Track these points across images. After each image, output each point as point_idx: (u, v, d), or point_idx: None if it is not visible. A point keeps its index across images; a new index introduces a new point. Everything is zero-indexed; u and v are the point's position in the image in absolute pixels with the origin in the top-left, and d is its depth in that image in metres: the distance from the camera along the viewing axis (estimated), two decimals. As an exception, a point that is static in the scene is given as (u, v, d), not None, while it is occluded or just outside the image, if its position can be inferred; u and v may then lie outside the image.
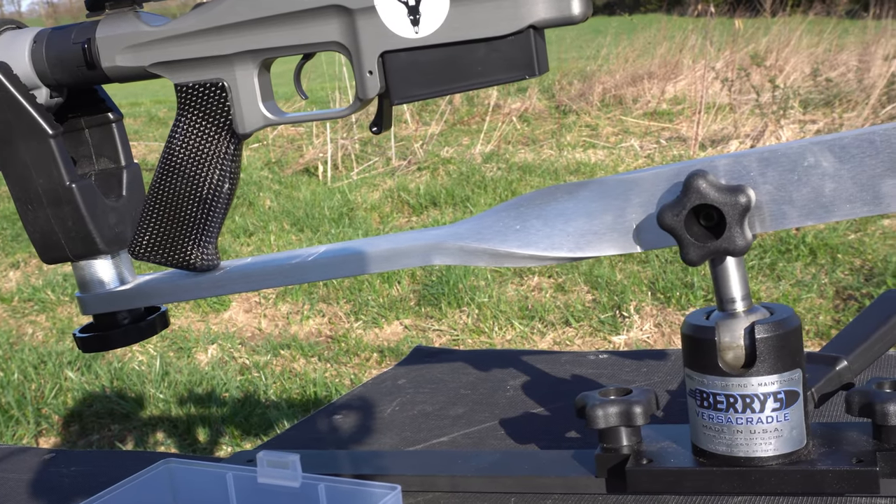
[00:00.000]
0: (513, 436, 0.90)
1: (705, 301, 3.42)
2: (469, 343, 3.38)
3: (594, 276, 3.71)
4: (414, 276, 3.86)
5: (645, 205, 0.69)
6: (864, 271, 3.54)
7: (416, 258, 0.74)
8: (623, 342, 3.31)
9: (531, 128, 6.36)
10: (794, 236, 3.79)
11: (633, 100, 6.59)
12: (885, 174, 0.63)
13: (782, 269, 3.61)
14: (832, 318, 3.19)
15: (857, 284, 3.41)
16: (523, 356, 1.13)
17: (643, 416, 0.72)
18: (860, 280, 3.45)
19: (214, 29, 0.73)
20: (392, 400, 1.04)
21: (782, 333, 0.66)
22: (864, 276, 3.48)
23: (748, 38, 6.62)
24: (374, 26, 0.69)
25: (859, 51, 6.26)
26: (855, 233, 3.89)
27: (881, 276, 3.40)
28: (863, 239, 3.80)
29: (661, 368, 1.04)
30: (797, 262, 3.69)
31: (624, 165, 5.20)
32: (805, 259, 3.70)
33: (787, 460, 0.67)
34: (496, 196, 4.75)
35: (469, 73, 0.69)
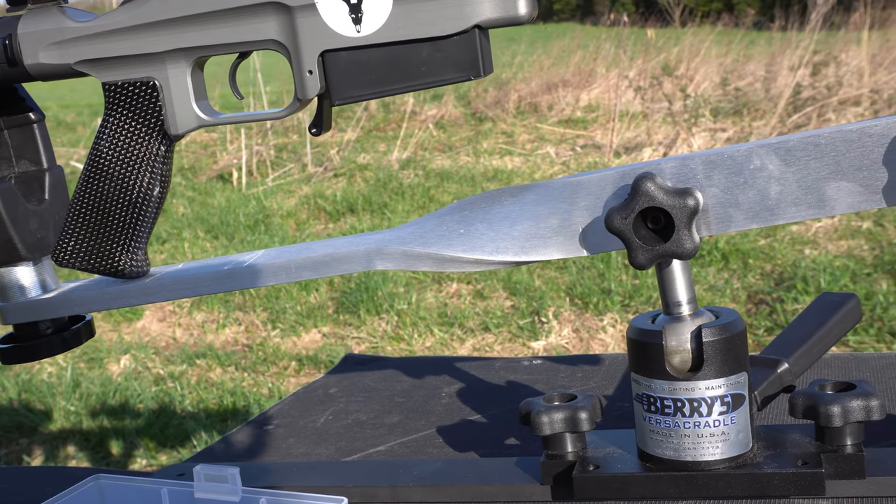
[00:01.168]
0: (451, 444, 0.89)
1: (622, 307, 3.46)
2: (389, 350, 3.35)
3: (513, 282, 3.72)
4: (332, 283, 3.82)
5: (591, 208, 0.68)
6: (774, 276, 3.61)
7: (357, 263, 0.72)
8: (542, 348, 3.32)
9: (447, 134, 6.37)
10: (707, 242, 3.86)
11: (548, 107, 6.65)
12: (830, 177, 0.63)
13: (696, 274, 3.67)
14: (745, 322, 3.26)
15: (767, 289, 3.48)
16: (456, 363, 1.11)
17: (588, 421, 0.71)
18: (771, 284, 3.52)
19: (145, 25, 0.70)
20: (324, 409, 1.01)
21: (729, 337, 0.66)
22: (774, 281, 3.56)
23: (660, 48, 6.73)
24: (315, 24, 0.67)
25: (766, 61, 6.41)
26: (765, 238, 3.97)
27: (791, 281, 3.48)
28: (772, 244, 3.89)
29: (597, 373, 1.04)
30: (710, 267, 3.75)
31: (540, 172, 5.24)
32: (718, 264, 3.77)
33: (733, 464, 0.67)
34: (414, 203, 4.74)
35: (412, 73, 0.67)
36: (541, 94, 6.77)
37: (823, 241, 3.94)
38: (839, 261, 3.60)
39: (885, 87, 5.47)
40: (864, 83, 5.43)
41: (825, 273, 3.44)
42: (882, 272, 3.47)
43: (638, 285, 3.56)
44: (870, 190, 0.63)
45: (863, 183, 0.63)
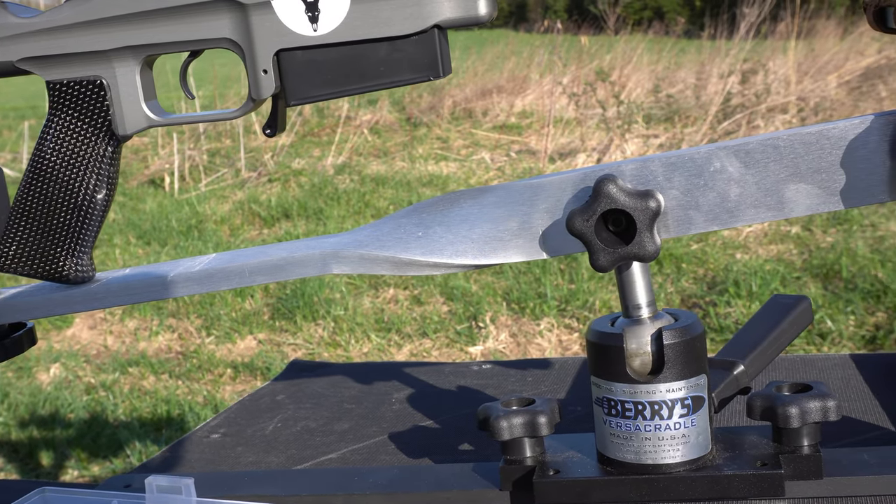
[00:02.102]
0: (405, 450, 0.87)
1: (558, 311, 3.48)
2: (326, 357, 3.33)
3: (450, 287, 3.72)
4: (267, 289, 3.78)
5: (551, 210, 0.68)
6: (706, 280, 3.66)
7: (313, 267, 0.71)
8: (479, 353, 3.32)
9: (383, 140, 6.35)
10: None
11: (483, 113, 6.67)
12: (789, 179, 0.64)
13: (631, 278, 3.70)
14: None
15: (700, 292, 3.53)
16: (405, 368, 1.10)
17: (548, 426, 0.71)
18: (703, 288, 3.57)
19: (92, 22, 0.68)
20: (272, 416, 1.00)
21: (689, 339, 0.66)
22: (707, 285, 3.61)
23: (593, 55, 6.80)
24: (270, 23, 0.66)
25: (696, 69, 6.52)
26: (697, 243, 4.03)
27: (723, 285, 3.53)
28: (705, 249, 3.94)
29: (547, 377, 1.03)
30: (644, 272, 3.78)
31: (476, 178, 5.25)
32: (652, 268, 3.81)
33: (693, 466, 0.66)
34: (349, 208, 4.71)
35: (370, 73, 0.66)
36: (475, 100, 6.79)
37: (754, 246, 4.00)
38: (769, 265, 3.66)
39: (810, 95, 5.60)
40: (792, 91, 5.55)
41: (756, 277, 3.50)
42: (811, 276, 3.54)
43: (574, 290, 3.59)
44: (828, 192, 0.63)
45: (821, 185, 0.63)
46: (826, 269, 3.56)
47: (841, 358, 1.00)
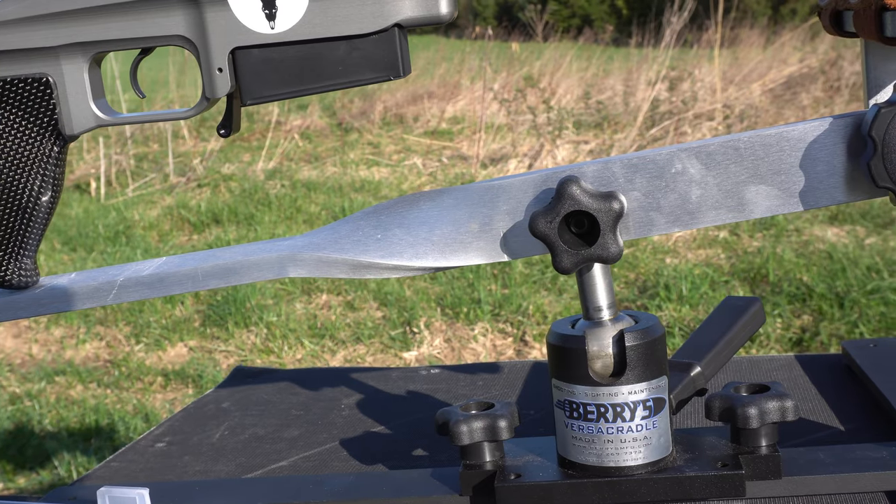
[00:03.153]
0: (358, 457, 0.86)
1: (493, 316, 3.48)
2: (259, 364, 3.28)
3: (383, 293, 3.70)
4: (198, 295, 3.72)
5: (512, 212, 0.67)
6: (638, 284, 3.71)
7: (269, 271, 0.69)
8: (414, 358, 3.31)
9: (313, 145, 6.31)
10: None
11: (414, 119, 6.67)
12: (749, 181, 0.64)
13: (563, 282, 3.73)
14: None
15: (632, 297, 3.57)
16: (352, 374, 1.09)
17: (508, 430, 0.70)
18: (635, 292, 3.61)
19: (38, 17, 0.66)
20: (219, 424, 0.97)
21: (650, 341, 0.66)
22: (638, 289, 3.65)
23: (523, 61, 6.84)
24: (225, 20, 0.64)
25: (624, 76, 6.60)
26: (629, 248, 4.07)
27: (654, 289, 3.57)
28: (636, 254, 3.99)
29: (497, 381, 1.03)
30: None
31: (408, 183, 5.24)
32: (584, 273, 3.83)
33: (655, 468, 0.66)
34: (281, 213, 4.67)
35: (328, 72, 0.65)
36: (406, 106, 6.79)
37: (683, 251, 4.06)
38: (698, 269, 3.71)
39: (736, 102, 5.70)
40: (718, 98, 5.65)
41: (686, 281, 3.55)
42: (738, 279, 3.60)
43: (507, 295, 3.60)
44: (787, 194, 0.64)
45: (780, 187, 0.64)
46: (753, 273, 3.62)
47: (786, 359, 1.01)
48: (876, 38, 0.57)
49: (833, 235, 4.00)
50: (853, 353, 0.94)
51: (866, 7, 0.56)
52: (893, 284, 3.27)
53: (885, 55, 0.62)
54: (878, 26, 0.56)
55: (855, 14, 0.58)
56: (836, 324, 3.11)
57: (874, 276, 3.39)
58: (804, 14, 9.88)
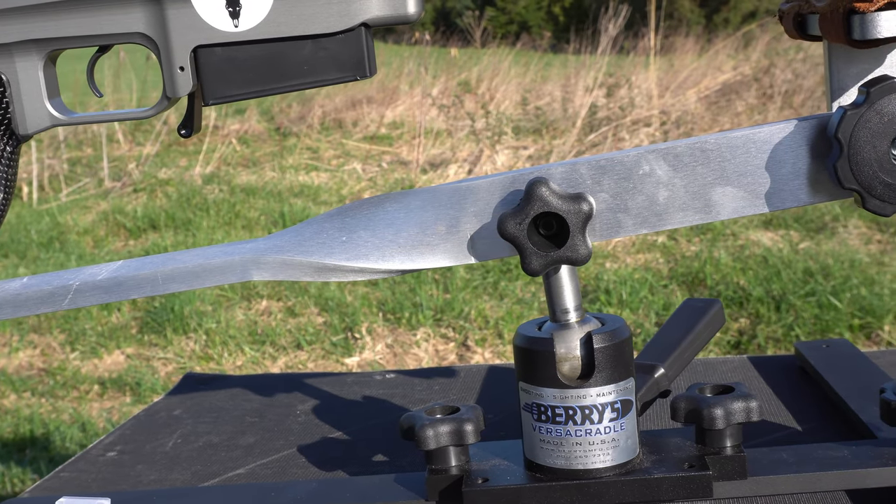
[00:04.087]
0: (317, 463, 0.85)
1: (434, 321, 3.48)
2: (198, 371, 3.23)
3: (324, 298, 3.68)
4: (135, 302, 3.66)
5: (480, 214, 0.66)
6: (578, 289, 3.72)
7: (232, 274, 0.68)
8: (356, 364, 3.30)
9: (251, 150, 6.25)
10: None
11: (353, 123, 6.64)
12: (716, 182, 0.64)
13: (504, 287, 3.74)
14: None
15: (572, 301, 3.58)
16: (306, 379, 1.07)
17: (474, 433, 0.69)
18: (575, 297, 3.62)
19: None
20: (171, 432, 0.95)
21: (618, 343, 0.65)
22: (578, 294, 3.66)
23: (461, 67, 6.86)
24: (187, 17, 0.63)
25: (562, 82, 6.65)
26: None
27: (594, 293, 3.60)
28: (576, 258, 4.01)
29: (454, 385, 1.02)
30: (518, 281, 3.83)
31: (347, 188, 5.22)
32: (526, 278, 3.85)
33: (622, 470, 0.66)
34: (219, 219, 4.61)
35: (293, 72, 0.64)
36: (345, 111, 6.76)
37: (622, 255, 4.10)
38: (638, 273, 3.75)
39: (672, 109, 5.78)
40: (654, 105, 5.72)
41: (626, 285, 3.58)
42: (677, 283, 3.65)
43: (449, 300, 3.60)
44: (753, 195, 0.64)
45: (747, 188, 0.64)
46: (691, 277, 3.67)
47: (740, 360, 1.02)
48: (843, 42, 0.57)
49: (768, 240, 4.08)
50: (806, 354, 0.96)
51: (833, 10, 0.57)
52: (827, 288, 3.34)
53: (848, 58, 0.63)
54: (846, 29, 0.56)
55: (821, 17, 0.59)
56: (773, 326, 3.16)
57: (809, 279, 3.45)
58: (737, 23, 10.06)
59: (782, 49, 6.52)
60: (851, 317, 3.17)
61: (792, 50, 6.37)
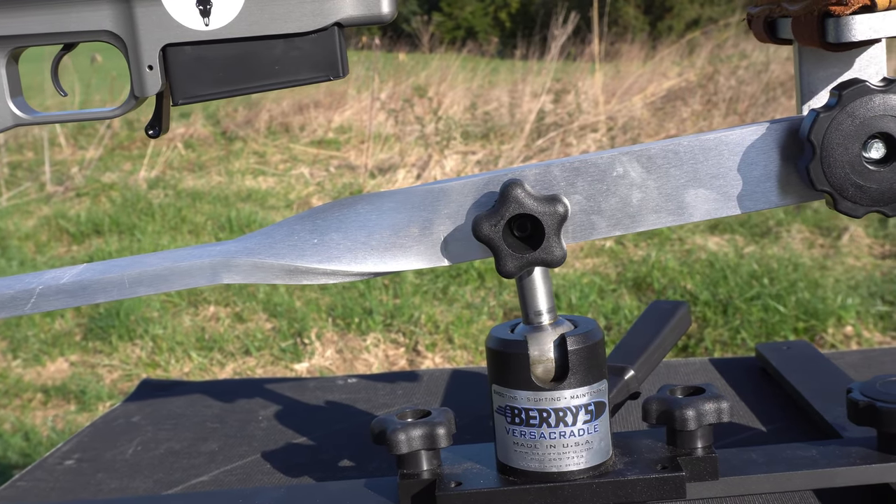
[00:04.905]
0: (282, 469, 0.84)
1: (384, 326, 3.47)
2: (147, 377, 3.19)
3: (273, 303, 3.65)
4: (79, 308, 3.59)
5: (453, 216, 0.66)
6: (527, 293, 3.73)
7: (202, 277, 0.66)
8: (305, 369, 3.27)
9: (197, 154, 6.18)
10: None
11: (300, 128, 6.60)
12: (688, 184, 0.65)
13: (454, 292, 3.74)
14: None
15: (522, 306, 3.59)
16: (266, 385, 1.06)
17: (446, 437, 0.69)
18: (525, 302, 3.63)
19: (-49, 9, 0.62)
20: (131, 439, 0.93)
21: (591, 345, 0.65)
22: (528, 298, 3.67)
23: (409, 72, 6.85)
24: (157, 15, 0.62)
25: (510, 87, 6.68)
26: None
27: (544, 298, 3.60)
28: (525, 263, 4.02)
29: (417, 389, 1.02)
30: (467, 285, 3.84)
31: (295, 192, 5.18)
32: (475, 283, 3.86)
33: (596, 472, 0.66)
34: (165, 223, 4.55)
35: (265, 72, 0.63)
36: (292, 115, 6.71)
37: (571, 260, 4.12)
38: (587, 278, 3.78)
39: (618, 115, 5.83)
40: (601, 110, 5.77)
41: (575, 289, 3.60)
42: (625, 287, 3.68)
43: (399, 305, 3.59)
44: (726, 197, 0.64)
45: (719, 190, 0.64)
46: (639, 281, 3.70)
47: (701, 362, 1.03)
48: (817, 45, 0.58)
49: (714, 244, 4.13)
50: (768, 355, 0.97)
51: (808, 14, 0.57)
52: (772, 291, 3.39)
53: (818, 62, 0.63)
54: (821, 32, 0.57)
55: (794, 21, 0.60)
56: (720, 330, 3.20)
57: (754, 283, 3.50)
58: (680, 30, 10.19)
59: (726, 56, 6.62)
60: (796, 320, 3.22)
61: (735, 57, 6.47)
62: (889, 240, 4.08)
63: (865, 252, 4.00)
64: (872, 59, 0.63)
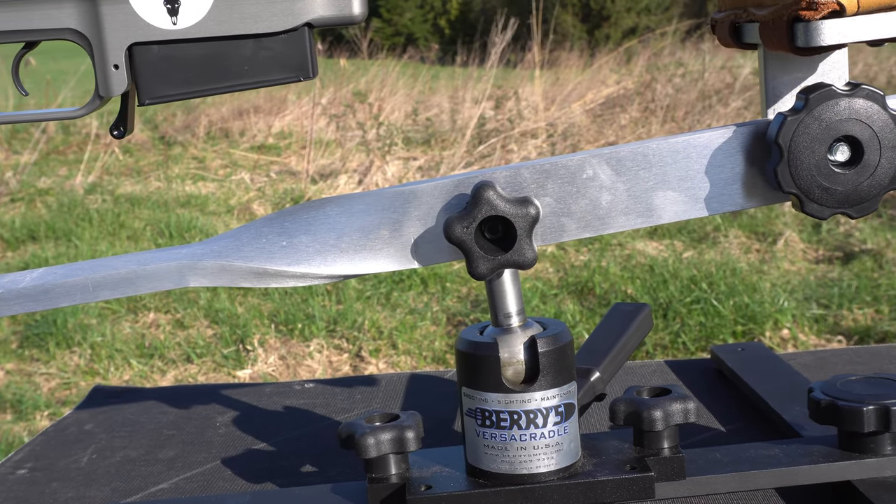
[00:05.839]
0: (243, 476, 0.83)
1: (328, 332, 3.45)
2: (83, 387, 3.13)
3: (214, 310, 3.61)
4: (14, 315, 3.52)
5: (424, 218, 0.66)
6: (470, 298, 3.75)
7: (169, 280, 0.65)
8: (248, 376, 3.24)
9: (135, 159, 6.09)
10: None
11: (240, 133, 6.54)
12: (657, 187, 0.65)
13: (397, 298, 3.74)
14: (446, 343, 3.35)
15: (465, 311, 3.61)
16: (222, 391, 1.05)
17: (415, 441, 0.69)
18: (468, 307, 3.65)
19: None
20: (85, 448, 0.91)
21: (561, 346, 0.66)
22: (470, 303, 3.69)
23: (350, 77, 6.83)
24: (123, 13, 0.60)
25: (450, 94, 6.69)
26: (460, 262, 4.12)
27: (487, 302, 3.61)
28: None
29: (376, 394, 1.01)
30: (410, 291, 3.83)
31: (236, 198, 5.13)
32: (417, 288, 3.86)
33: (566, 474, 0.66)
34: (103, 229, 4.48)
35: (233, 72, 0.62)
36: (232, 120, 6.65)
37: (513, 265, 4.12)
38: (528, 283, 3.79)
39: (558, 121, 5.88)
40: (541, 117, 5.81)
41: (518, 294, 3.61)
42: (567, 293, 3.70)
43: (342, 310, 3.57)
44: (693, 199, 0.65)
45: (687, 193, 0.65)
46: (581, 287, 3.73)
47: (657, 364, 1.04)
48: (786, 49, 0.59)
49: (653, 249, 4.18)
50: (723, 357, 0.98)
51: (777, 19, 0.58)
52: (711, 296, 3.44)
53: (782, 66, 0.64)
54: (790, 37, 0.58)
55: (762, 25, 0.60)
56: (661, 334, 3.24)
57: (693, 287, 3.55)
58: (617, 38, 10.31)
59: (662, 65, 6.71)
60: (735, 323, 3.27)
61: (672, 65, 6.57)
62: (822, 244, 4.17)
63: (800, 257, 4.08)
64: (836, 63, 0.64)
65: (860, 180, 0.61)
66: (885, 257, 3.86)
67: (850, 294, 3.43)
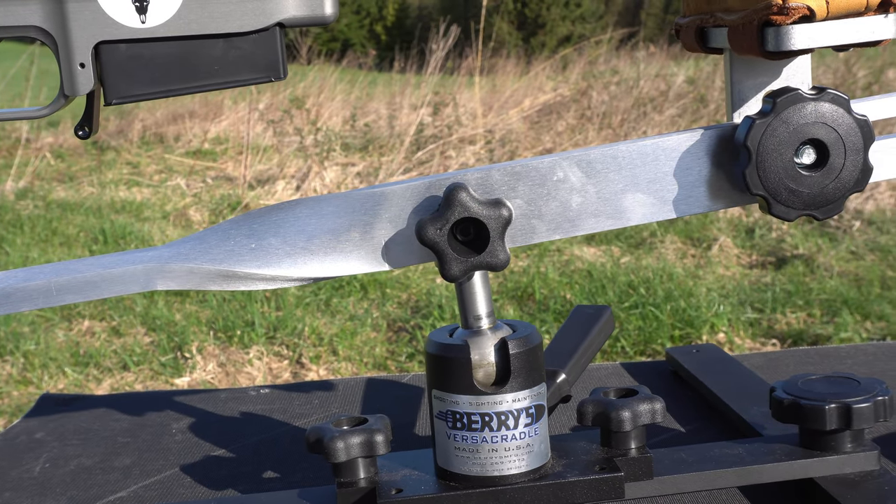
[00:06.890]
0: (205, 483, 0.81)
1: (267, 339, 3.42)
2: (16, 396, 3.06)
3: (151, 317, 3.56)
4: (-54, 324, 3.43)
5: (395, 220, 0.66)
6: (410, 304, 3.75)
7: (135, 283, 0.64)
8: (186, 384, 3.20)
9: (67, 164, 5.97)
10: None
11: (175, 138, 6.45)
12: (627, 189, 0.66)
13: (337, 304, 3.72)
14: (387, 349, 3.34)
15: (405, 317, 3.60)
16: (176, 397, 1.03)
17: (384, 444, 0.68)
18: (408, 312, 3.65)
19: None
20: (36, 457, 0.89)
21: (531, 348, 0.66)
22: (411, 309, 3.69)
23: (287, 83, 6.79)
24: (90, 11, 0.59)
25: (388, 100, 6.69)
26: (399, 269, 4.12)
27: (427, 308, 3.63)
28: (407, 274, 4.04)
29: (334, 399, 1.00)
30: (350, 297, 3.82)
31: (171, 203, 5.06)
32: (357, 294, 3.84)
33: (536, 475, 0.67)
34: (35, 235, 4.38)
35: (203, 72, 0.61)
36: (166, 125, 6.56)
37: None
38: (470, 288, 3.79)
39: (496, 128, 5.91)
40: (479, 124, 5.83)
41: (457, 300, 3.62)
42: (507, 298, 3.72)
43: (282, 317, 3.54)
44: (662, 201, 0.66)
45: (656, 195, 0.66)
46: (521, 292, 3.75)
47: (614, 367, 1.05)
48: (756, 53, 0.60)
49: (591, 255, 4.22)
50: (679, 358, 0.99)
51: (747, 23, 0.59)
52: (649, 300, 3.48)
53: (748, 70, 0.65)
54: (760, 41, 0.59)
55: (731, 30, 0.61)
56: (601, 338, 3.26)
57: (631, 292, 3.59)
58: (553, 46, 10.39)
59: (598, 72, 6.78)
60: (672, 328, 3.31)
61: (607, 73, 6.64)
62: (756, 250, 4.25)
63: (734, 262, 4.15)
64: (799, 68, 0.65)
65: (826, 182, 0.62)
66: (815, 262, 3.95)
67: (782, 298, 3.50)
